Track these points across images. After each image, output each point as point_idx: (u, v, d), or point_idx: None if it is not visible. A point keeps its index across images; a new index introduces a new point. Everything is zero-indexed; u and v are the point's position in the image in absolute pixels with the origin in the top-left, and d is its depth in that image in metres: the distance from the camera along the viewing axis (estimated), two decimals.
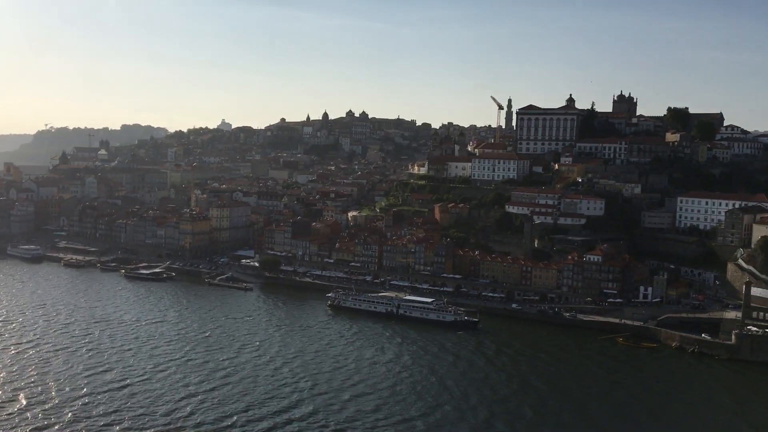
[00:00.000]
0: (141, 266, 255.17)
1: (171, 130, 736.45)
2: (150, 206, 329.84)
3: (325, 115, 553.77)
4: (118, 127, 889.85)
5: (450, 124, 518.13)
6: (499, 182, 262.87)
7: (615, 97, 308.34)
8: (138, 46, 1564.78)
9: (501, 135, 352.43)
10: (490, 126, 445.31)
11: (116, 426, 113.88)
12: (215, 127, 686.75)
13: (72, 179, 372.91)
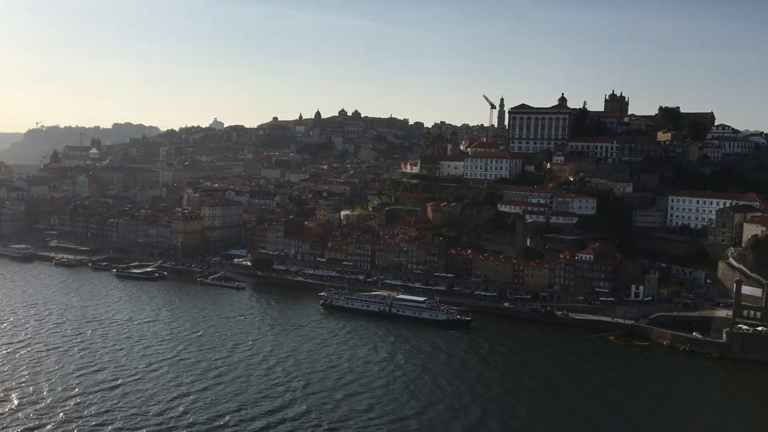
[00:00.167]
0: (133, 265, 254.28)
1: (163, 128, 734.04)
2: (141, 205, 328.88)
3: (318, 114, 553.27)
4: (109, 126, 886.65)
5: (442, 123, 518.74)
6: (491, 181, 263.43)
7: (607, 97, 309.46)
8: (130, 45, 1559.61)
9: (493, 134, 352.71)
10: (483, 125, 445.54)
11: (108, 426, 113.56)
12: (207, 125, 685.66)
13: (63, 178, 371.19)
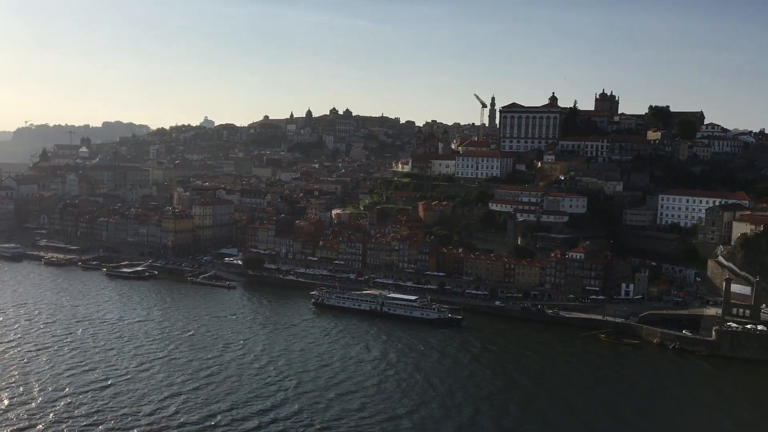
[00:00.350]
0: (123, 265, 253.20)
1: (153, 127, 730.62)
2: (132, 204, 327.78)
3: (309, 112, 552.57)
4: (99, 124, 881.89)
5: (434, 121, 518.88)
6: (482, 180, 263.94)
7: (597, 96, 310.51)
8: (120, 43, 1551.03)
9: (484, 133, 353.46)
10: (474, 124, 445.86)
11: (99, 426, 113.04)
12: (198, 124, 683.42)
13: (52, 177, 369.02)
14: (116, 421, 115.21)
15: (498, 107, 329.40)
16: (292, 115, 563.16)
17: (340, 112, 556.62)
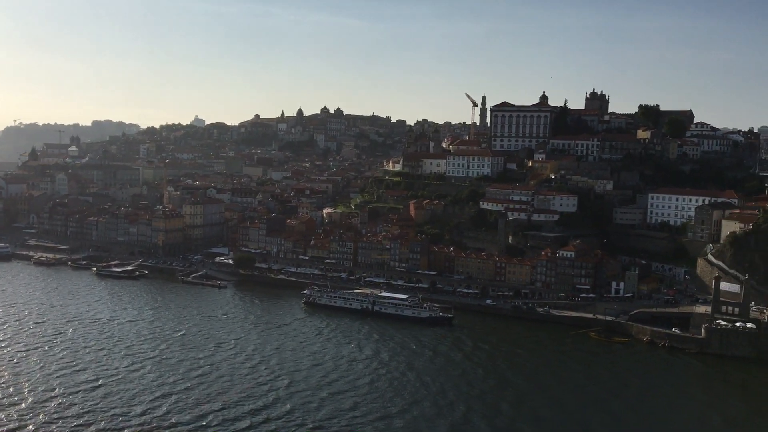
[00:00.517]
0: (113, 264, 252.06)
1: (143, 126, 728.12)
2: (122, 203, 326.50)
3: (300, 111, 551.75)
4: (88, 123, 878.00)
5: (425, 120, 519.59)
6: (473, 179, 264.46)
7: (587, 95, 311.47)
8: (109, 42, 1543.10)
9: (475, 132, 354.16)
10: (465, 123, 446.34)
11: (90, 427, 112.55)
12: (188, 123, 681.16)
13: (42, 176, 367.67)
14: (107, 421, 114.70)
15: (489, 106, 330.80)
16: (283, 114, 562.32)
17: (331, 111, 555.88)
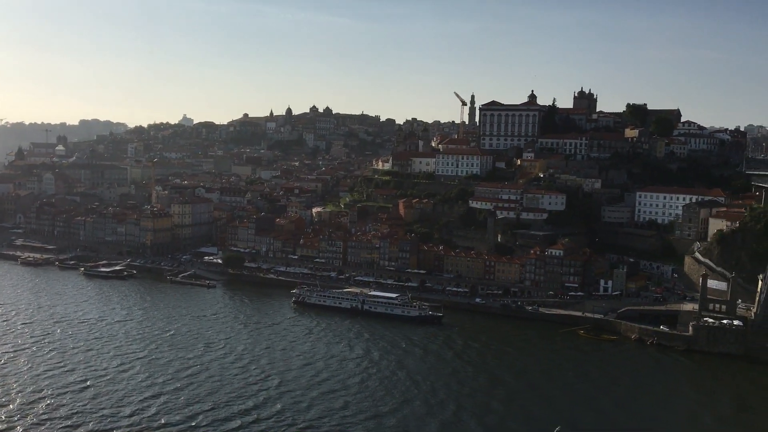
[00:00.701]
0: (101, 264, 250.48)
1: (131, 125, 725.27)
2: (110, 203, 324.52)
3: (289, 110, 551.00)
4: (75, 123, 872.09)
5: (414, 119, 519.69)
6: (462, 178, 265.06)
7: (575, 94, 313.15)
8: (97, 40, 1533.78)
9: (464, 131, 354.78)
10: (454, 122, 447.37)
11: (79, 428, 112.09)
12: (176, 122, 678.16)
13: (28, 175, 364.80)
14: (96, 422, 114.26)
15: (478, 105, 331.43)
16: (272, 113, 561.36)
17: (320, 110, 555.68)
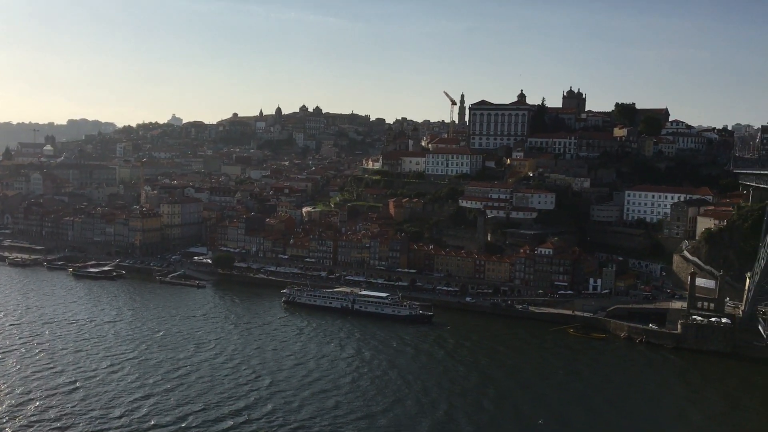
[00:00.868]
0: (89, 264, 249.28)
1: (119, 125, 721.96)
2: (98, 203, 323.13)
3: (279, 109, 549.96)
4: (64, 122, 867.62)
5: (404, 119, 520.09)
6: (452, 177, 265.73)
7: (565, 93, 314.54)
8: (85, 39, 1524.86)
9: (454, 130, 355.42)
10: (444, 121, 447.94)
11: (69, 430, 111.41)
12: (165, 122, 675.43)
13: (16, 175, 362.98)
14: (86, 424, 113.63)
15: (467, 104, 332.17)
16: (261, 113, 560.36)
17: (310, 110, 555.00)
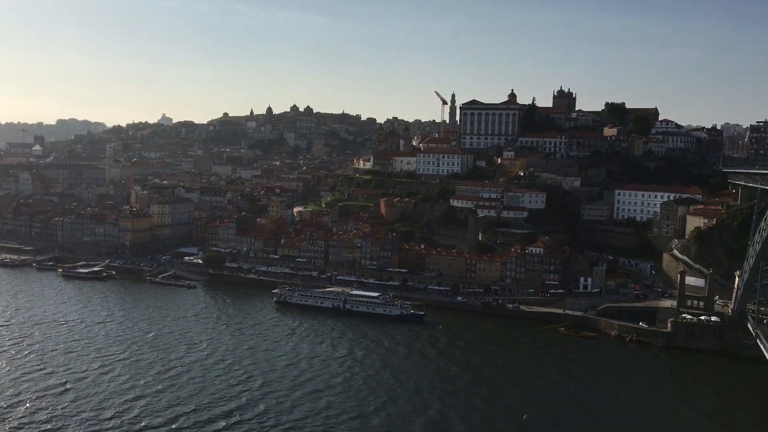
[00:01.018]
0: (79, 265, 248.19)
1: (109, 124, 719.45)
2: (88, 203, 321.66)
3: (269, 109, 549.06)
4: (53, 122, 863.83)
5: (395, 118, 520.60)
6: (443, 176, 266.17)
7: (555, 93, 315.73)
8: (74, 39, 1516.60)
9: (445, 130, 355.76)
10: (435, 121, 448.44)
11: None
12: (155, 121, 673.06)
13: (5, 176, 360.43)
14: (76, 425, 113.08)
15: (458, 104, 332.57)
16: (252, 112, 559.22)
17: (301, 109, 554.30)
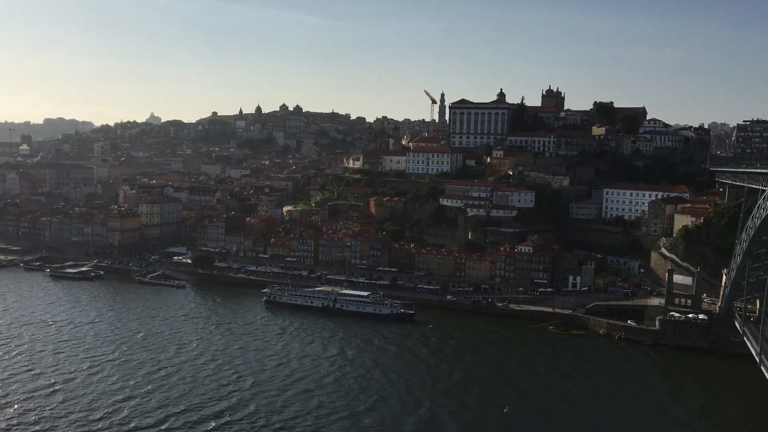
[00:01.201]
0: (67, 265, 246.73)
1: (97, 124, 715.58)
2: (76, 203, 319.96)
3: (259, 108, 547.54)
4: (40, 121, 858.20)
5: (384, 118, 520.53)
6: (433, 176, 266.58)
7: (544, 92, 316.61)
8: (61, 37, 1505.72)
9: (434, 129, 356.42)
10: (424, 120, 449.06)
11: None
12: (144, 121, 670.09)
13: None
14: (65, 427, 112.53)
15: (447, 103, 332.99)
16: (241, 111, 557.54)
17: (291, 108, 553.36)
